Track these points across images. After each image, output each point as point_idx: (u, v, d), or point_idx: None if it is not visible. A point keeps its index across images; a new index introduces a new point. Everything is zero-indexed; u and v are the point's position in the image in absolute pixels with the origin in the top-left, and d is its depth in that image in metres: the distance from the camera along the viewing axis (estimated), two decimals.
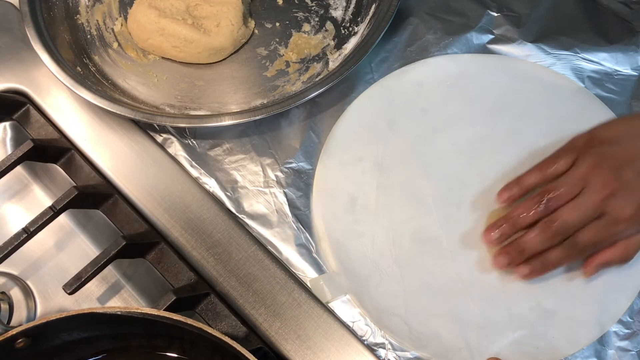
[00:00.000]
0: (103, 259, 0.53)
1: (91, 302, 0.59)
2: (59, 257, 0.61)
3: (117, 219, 0.58)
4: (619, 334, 0.53)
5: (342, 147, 0.61)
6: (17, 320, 0.58)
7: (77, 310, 0.45)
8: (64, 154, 0.61)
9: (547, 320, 0.53)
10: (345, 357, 0.53)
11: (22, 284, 0.60)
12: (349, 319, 0.55)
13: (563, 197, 0.51)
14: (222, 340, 0.44)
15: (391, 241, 0.57)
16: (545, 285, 0.54)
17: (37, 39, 0.62)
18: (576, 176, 0.51)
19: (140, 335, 0.50)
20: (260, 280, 0.55)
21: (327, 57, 0.66)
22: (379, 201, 0.59)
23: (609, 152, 0.51)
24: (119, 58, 0.67)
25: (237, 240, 0.57)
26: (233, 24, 0.64)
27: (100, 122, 0.63)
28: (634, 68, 0.63)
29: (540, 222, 0.51)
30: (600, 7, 0.66)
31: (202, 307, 0.54)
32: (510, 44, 0.65)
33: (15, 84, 0.65)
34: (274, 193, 0.60)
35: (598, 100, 0.62)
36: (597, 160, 0.51)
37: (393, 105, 0.62)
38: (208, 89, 0.65)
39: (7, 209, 0.64)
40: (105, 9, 0.69)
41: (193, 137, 0.62)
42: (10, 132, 0.65)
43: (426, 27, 0.66)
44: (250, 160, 0.61)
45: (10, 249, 0.54)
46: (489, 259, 0.56)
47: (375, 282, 0.56)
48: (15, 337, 0.45)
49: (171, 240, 0.57)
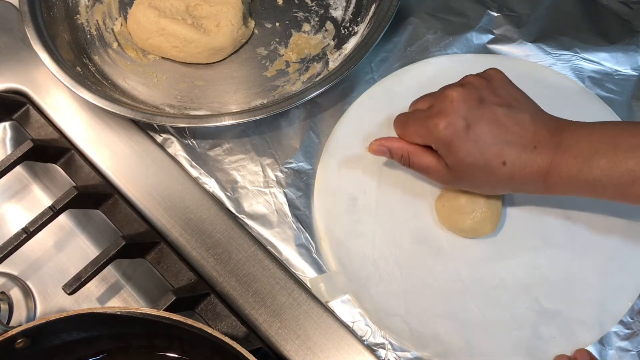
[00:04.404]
0: (103, 259, 0.53)
1: (91, 302, 0.59)
2: (59, 257, 0.61)
3: (117, 219, 0.58)
4: (619, 334, 0.53)
5: (343, 147, 0.61)
6: (17, 321, 0.58)
7: (77, 311, 0.45)
8: (64, 154, 0.61)
9: (547, 321, 0.53)
10: (345, 357, 0.53)
11: (22, 284, 0.60)
12: (349, 319, 0.55)
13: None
14: (222, 340, 0.44)
15: (391, 241, 0.57)
16: (546, 285, 0.55)
17: (37, 39, 0.61)
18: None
19: (140, 335, 0.50)
20: (260, 280, 0.55)
21: (327, 57, 0.66)
22: (379, 201, 0.58)
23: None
24: (118, 58, 0.67)
25: (237, 240, 0.57)
26: (233, 24, 0.64)
27: (100, 122, 0.63)
28: (634, 68, 0.63)
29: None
30: (600, 7, 0.66)
31: (202, 307, 0.54)
32: (511, 44, 0.65)
33: (15, 84, 0.65)
34: (273, 193, 0.60)
35: (599, 99, 0.62)
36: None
37: (393, 105, 0.62)
38: (208, 89, 0.65)
39: (7, 209, 0.64)
40: (105, 9, 0.69)
41: (193, 137, 0.62)
42: (10, 132, 0.65)
43: (426, 27, 0.66)
44: (250, 160, 0.61)
45: (10, 249, 0.54)
46: (489, 259, 0.56)
47: (375, 282, 0.56)
48: (15, 337, 0.45)
49: (171, 241, 0.57)
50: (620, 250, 0.55)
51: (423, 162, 0.53)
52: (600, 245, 0.56)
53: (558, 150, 0.48)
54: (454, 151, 0.50)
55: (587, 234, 0.56)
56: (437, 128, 0.50)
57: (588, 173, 0.47)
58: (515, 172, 0.49)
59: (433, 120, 0.50)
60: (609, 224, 0.56)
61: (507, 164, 0.49)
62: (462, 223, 0.55)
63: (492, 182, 0.51)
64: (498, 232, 0.57)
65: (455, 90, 0.50)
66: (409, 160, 0.54)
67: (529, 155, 0.49)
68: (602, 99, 0.62)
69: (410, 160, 0.54)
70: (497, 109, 0.50)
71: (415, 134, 0.53)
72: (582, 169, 0.47)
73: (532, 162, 0.49)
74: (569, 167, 0.48)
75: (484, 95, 0.50)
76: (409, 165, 0.54)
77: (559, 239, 0.56)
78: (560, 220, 0.57)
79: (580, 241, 0.56)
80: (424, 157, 0.53)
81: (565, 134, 0.49)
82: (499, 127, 0.49)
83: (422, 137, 0.52)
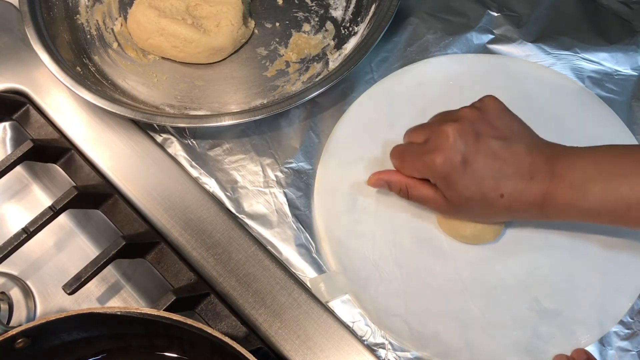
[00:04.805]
0: (103, 259, 0.53)
1: (91, 302, 0.59)
2: (59, 257, 0.61)
3: (116, 219, 0.58)
4: (619, 334, 0.53)
5: (343, 147, 0.61)
6: (17, 321, 0.58)
7: (77, 311, 0.45)
8: (64, 154, 0.61)
9: (547, 321, 0.53)
10: (345, 357, 0.53)
11: (22, 284, 0.60)
12: (349, 319, 0.55)
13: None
14: (222, 340, 0.44)
15: (391, 241, 0.57)
16: (546, 285, 0.55)
17: (37, 39, 0.61)
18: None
19: (140, 335, 0.50)
20: (260, 280, 0.55)
21: (327, 57, 0.66)
22: (380, 201, 0.58)
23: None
24: (118, 58, 0.67)
25: (237, 240, 0.57)
26: (233, 24, 0.64)
27: (100, 122, 0.63)
28: (634, 68, 0.63)
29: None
30: (600, 7, 0.66)
31: (202, 307, 0.54)
32: (511, 44, 0.65)
33: (15, 84, 0.65)
34: (273, 193, 0.60)
35: (599, 99, 0.62)
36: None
37: (393, 105, 0.62)
38: (208, 89, 0.65)
39: (7, 209, 0.64)
40: (105, 9, 0.69)
41: (193, 137, 0.62)
42: (10, 132, 0.65)
43: (426, 27, 0.66)
44: (250, 160, 0.61)
45: (10, 249, 0.54)
46: (489, 259, 0.56)
47: (375, 282, 0.56)
48: (15, 337, 0.45)
49: (171, 241, 0.57)
50: (620, 251, 0.55)
51: (422, 195, 0.54)
52: (600, 245, 0.56)
53: (553, 179, 0.49)
54: (451, 185, 0.50)
55: (587, 234, 0.56)
56: (434, 163, 0.50)
57: (583, 201, 0.48)
58: (512, 203, 0.50)
59: (430, 156, 0.51)
60: (609, 224, 0.56)
61: (505, 196, 0.50)
62: (464, 230, 0.55)
63: (490, 213, 0.52)
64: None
65: (450, 126, 0.50)
66: (407, 193, 0.55)
67: (525, 186, 0.49)
68: (602, 99, 0.62)
69: (409, 192, 0.54)
70: (493, 142, 0.50)
71: (413, 168, 0.53)
72: (577, 197, 0.48)
73: (529, 192, 0.49)
74: (564, 195, 0.48)
75: (479, 129, 0.50)
76: (407, 197, 0.55)
77: (559, 239, 0.56)
78: (560, 221, 0.57)
79: (580, 241, 0.56)
80: (422, 189, 0.53)
81: (560, 161, 0.49)
82: (496, 160, 0.50)
83: (420, 171, 0.53)
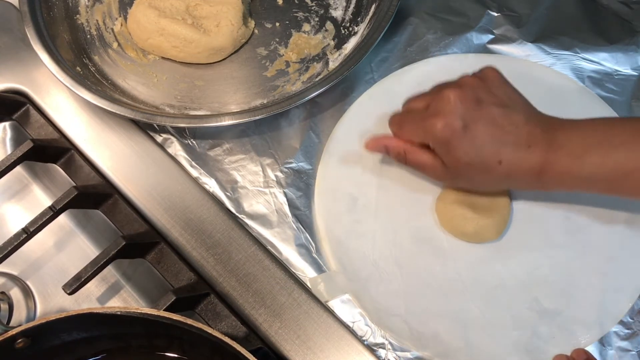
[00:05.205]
0: (103, 259, 0.53)
1: (91, 302, 0.59)
2: (59, 257, 0.61)
3: (116, 219, 0.58)
4: (619, 334, 0.53)
5: (343, 147, 0.61)
6: (17, 321, 0.58)
7: (77, 311, 0.45)
8: (64, 154, 0.61)
9: (547, 321, 0.53)
10: (345, 357, 0.53)
11: (22, 284, 0.60)
12: (349, 319, 0.55)
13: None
14: (222, 340, 0.44)
15: (391, 241, 0.57)
16: (546, 285, 0.54)
17: (36, 39, 0.61)
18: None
19: (140, 335, 0.50)
20: (260, 280, 0.55)
21: (327, 57, 0.66)
22: (380, 201, 0.58)
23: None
24: (118, 58, 0.67)
25: (237, 240, 0.57)
26: (233, 23, 0.64)
27: (100, 122, 0.63)
28: (634, 68, 0.63)
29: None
30: (600, 7, 0.66)
31: (202, 307, 0.54)
32: (511, 44, 0.65)
33: (15, 84, 0.65)
34: (273, 193, 0.60)
35: (599, 99, 0.62)
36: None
37: (393, 105, 0.62)
38: (208, 89, 0.65)
39: (7, 209, 0.64)
40: (105, 9, 0.69)
41: (193, 137, 0.62)
42: (10, 132, 0.65)
43: (426, 27, 0.66)
44: (250, 160, 0.61)
45: (10, 249, 0.54)
46: (489, 259, 0.56)
47: (375, 282, 0.56)
48: (15, 337, 0.45)
49: (171, 241, 0.57)
50: (620, 251, 0.55)
51: (420, 160, 0.54)
52: (600, 245, 0.56)
53: (551, 148, 0.49)
54: (451, 150, 0.50)
55: (587, 234, 0.56)
56: (435, 128, 0.50)
57: (580, 169, 0.49)
58: (510, 170, 0.50)
59: (431, 121, 0.51)
60: (609, 224, 0.56)
61: (503, 163, 0.50)
62: (465, 227, 0.55)
63: (488, 180, 0.52)
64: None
65: (452, 91, 0.51)
66: (405, 158, 0.54)
67: (523, 154, 0.50)
68: (602, 99, 0.62)
69: (406, 157, 0.54)
70: (493, 109, 0.50)
71: (412, 133, 0.53)
72: (575, 166, 0.49)
73: (527, 160, 0.50)
74: (561, 164, 0.49)
75: (480, 96, 0.51)
76: (405, 162, 0.55)
77: (559, 239, 0.56)
78: (560, 221, 0.57)
79: (580, 241, 0.56)
80: (420, 154, 0.53)
81: (557, 132, 0.50)
82: (495, 127, 0.50)
83: (419, 136, 0.53)
